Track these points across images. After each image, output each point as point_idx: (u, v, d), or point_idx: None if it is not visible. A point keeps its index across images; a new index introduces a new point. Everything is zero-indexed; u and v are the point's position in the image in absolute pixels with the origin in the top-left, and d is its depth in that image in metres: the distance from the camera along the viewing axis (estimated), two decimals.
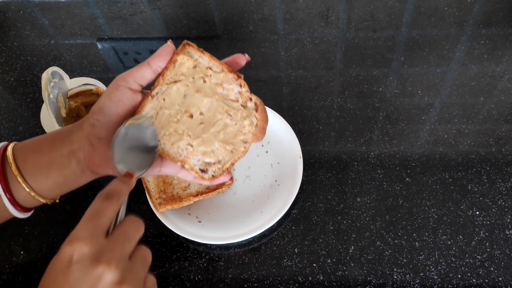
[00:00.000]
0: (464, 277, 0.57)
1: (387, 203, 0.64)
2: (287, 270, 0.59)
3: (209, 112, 0.46)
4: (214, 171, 0.46)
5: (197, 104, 0.46)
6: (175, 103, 0.45)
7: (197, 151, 0.46)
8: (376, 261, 0.59)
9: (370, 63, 0.80)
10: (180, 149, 0.45)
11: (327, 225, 0.63)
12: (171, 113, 0.45)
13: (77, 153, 0.43)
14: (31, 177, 0.43)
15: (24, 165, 0.43)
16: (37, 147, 0.44)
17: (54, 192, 0.45)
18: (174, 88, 0.45)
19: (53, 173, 0.43)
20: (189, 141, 0.46)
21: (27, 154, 0.44)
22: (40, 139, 0.45)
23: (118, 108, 0.43)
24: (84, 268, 0.34)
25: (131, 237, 0.37)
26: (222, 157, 0.46)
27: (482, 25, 0.84)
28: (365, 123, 0.72)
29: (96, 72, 0.84)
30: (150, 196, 0.64)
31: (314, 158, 0.69)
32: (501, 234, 0.60)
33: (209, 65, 0.46)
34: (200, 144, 0.46)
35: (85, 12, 0.95)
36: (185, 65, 0.45)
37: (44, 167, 0.43)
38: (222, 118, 0.46)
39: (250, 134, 0.47)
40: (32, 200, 0.45)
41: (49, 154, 0.43)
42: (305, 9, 0.90)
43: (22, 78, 0.84)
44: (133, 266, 0.36)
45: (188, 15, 0.92)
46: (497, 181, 0.65)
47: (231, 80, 0.46)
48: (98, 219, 0.36)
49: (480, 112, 0.72)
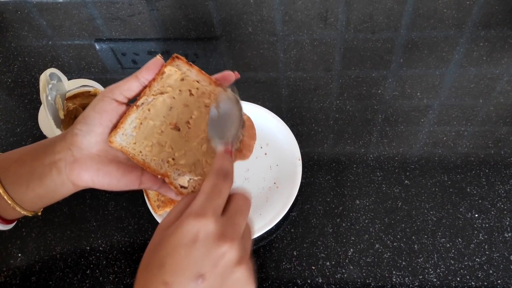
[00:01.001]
0: (463, 279, 0.57)
1: (386, 206, 0.64)
2: (286, 273, 0.59)
3: (194, 125, 0.45)
4: (195, 186, 0.45)
5: (182, 117, 0.45)
6: (160, 114, 0.45)
7: (178, 164, 0.45)
8: (375, 264, 0.59)
9: (369, 65, 0.80)
10: (161, 162, 0.44)
11: (326, 227, 0.62)
12: (155, 124, 0.45)
13: (58, 163, 0.42)
14: (12, 187, 0.42)
15: (6, 175, 0.42)
16: (19, 157, 0.43)
17: (35, 203, 0.44)
18: (160, 99, 0.45)
19: (34, 184, 0.42)
20: (171, 154, 0.45)
21: (9, 164, 0.43)
22: (24, 150, 0.44)
23: (101, 118, 0.42)
24: (209, 245, 0.33)
25: (245, 214, 0.37)
26: (204, 172, 0.45)
27: (481, 27, 0.84)
28: (364, 125, 0.72)
29: (94, 73, 0.84)
30: (149, 199, 0.63)
31: (313, 160, 0.69)
32: (500, 237, 0.60)
33: (197, 78, 0.46)
34: (182, 157, 0.45)
35: (83, 13, 0.95)
36: (172, 77, 0.45)
37: (25, 177, 0.42)
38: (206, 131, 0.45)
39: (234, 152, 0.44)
40: (13, 212, 0.43)
41: (30, 164, 0.42)
42: (304, 11, 0.90)
43: (20, 79, 0.84)
44: (245, 243, 0.37)
45: (187, 16, 0.91)
46: (496, 184, 0.65)
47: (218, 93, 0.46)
48: (219, 198, 0.36)
49: (479, 114, 0.72)
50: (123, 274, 0.60)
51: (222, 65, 0.84)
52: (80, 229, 0.65)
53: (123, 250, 0.63)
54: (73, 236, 0.64)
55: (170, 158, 0.45)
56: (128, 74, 0.83)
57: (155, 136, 0.44)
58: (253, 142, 0.48)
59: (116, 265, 0.61)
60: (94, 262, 0.62)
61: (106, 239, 0.64)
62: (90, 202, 0.67)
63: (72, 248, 0.63)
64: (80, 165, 0.42)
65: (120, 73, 0.84)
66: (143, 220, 0.65)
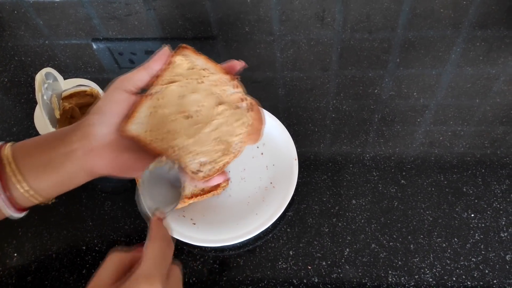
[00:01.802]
0: (459, 279, 0.57)
1: (382, 205, 0.64)
2: (282, 272, 0.59)
3: (204, 112, 0.46)
4: (207, 171, 0.46)
5: (192, 104, 0.46)
6: (171, 103, 0.46)
7: (190, 150, 0.46)
8: (371, 264, 0.59)
9: (366, 65, 0.80)
10: (175, 148, 0.45)
11: (322, 227, 0.62)
12: (166, 113, 0.46)
13: (75, 152, 0.43)
14: (29, 175, 0.43)
15: (23, 164, 0.43)
16: (36, 146, 0.44)
17: (50, 191, 0.45)
18: (171, 88, 0.46)
19: (51, 172, 0.44)
20: (184, 140, 0.46)
21: (26, 153, 0.44)
22: (40, 139, 0.45)
23: (115, 108, 0.44)
24: None
25: (180, 282, 0.40)
26: (215, 157, 0.46)
27: (477, 27, 0.84)
28: (361, 125, 0.72)
29: (91, 73, 0.84)
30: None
31: (309, 160, 0.69)
32: (496, 237, 0.60)
33: (205, 67, 0.47)
34: (194, 144, 0.46)
35: (80, 13, 0.94)
36: (181, 67, 0.46)
37: (42, 166, 0.43)
38: (216, 118, 0.46)
39: (242, 135, 0.46)
40: (27, 200, 0.44)
41: (48, 153, 0.43)
42: (301, 10, 0.89)
43: (16, 78, 0.84)
44: None
45: (184, 16, 0.91)
46: (492, 184, 0.65)
47: (226, 82, 0.47)
48: (165, 262, 0.38)
49: (476, 114, 0.72)
50: None
51: None
52: (76, 229, 0.65)
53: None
54: (69, 235, 0.64)
55: (182, 144, 0.45)
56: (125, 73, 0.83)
57: (167, 124, 0.45)
58: (262, 126, 0.48)
59: None
60: (90, 262, 0.62)
61: (102, 239, 0.64)
62: (86, 201, 0.67)
63: (68, 247, 0.63)
64: (97, 154, 0.43)
65: (117, 72, 0.84)
66: (139, 219, 0.65)
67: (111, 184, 0.69)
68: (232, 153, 0.46)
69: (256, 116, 0.47)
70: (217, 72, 0.47)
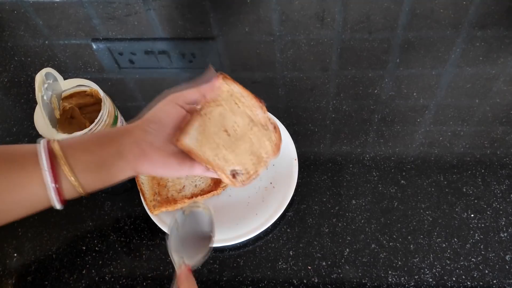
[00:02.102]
0: (458, 279, 0.57)
1: (382, 206, 0.64)
2: (282, 272, 0.59)
3: (239, 130, 0.55)
4: (243, 179, 0.55)
5: (231, 123, 0.55)
6: (217, 121, 0.55)
7: (228, 160, 0.54)
8: (371, 264, 0.59)
9: (366, 65, 0.80)
10: (217, 158, 0.54)
11: (322, 227, 0.63)
12: (213, 130, 0.55)
13: (124, 153, 0.48)
14: (81, 173, 0.47)
15: (76, 163, 0.46)
16: (85, 146, 0.48)
17: (95, 186, 0.49)
18: (217, 110, 0.55)
19: (102, 171, 0.48)
20: (225, 153, 0.54)
21: (74, 152, 0.47)
22: (86, 139, 0.49)
23: (170, 119, 0.51)
24: None
25: None
26: (247, 167, 0.55)
27: (477, 27, 0.84)
28: (360, 125, 0.72)
29: (91, 73, 0.84)
30: (145, 198, 0.63)
31: (309, 160, 0.69)
32: (495, 237, 0.60)
33: (240, 92, 0.56)
34: (232, 156, 0.54)
35: (80, 13, 0.94)
36: (223, 91, 0.56)
37: (94, 165, 0.47)
38: (250, 136, 0.55)
39: (269, 150, 0.56)
40: (72, 192, 0.48)
41: (98, 153, 0.47)
42: (300, 11, 0.90)
43: (16, 78, 0.84)
44: None
45: (184, 16, 0.91)
46: (492, 184, 0.65)
47: (257, 106, 0.56)
48: None
49: (475, 114, 0.72)
50: (119, 274, 0.60)
51: (218, 64, 0.84)
52: (76, 229, 0.65)
53: (119, 250, 0.63)
54: (69, 236, 0.64)
55: (222, 155, 0.54)
56: (125, 74, 0.83)
57: (213, 139, 0.54)
58: (281, 143, 0.57)
59: (112, 265, 0.61)
60: (90, 262, 0.62)
61: (102, 239, 0.64)
62: (86, 202, 0.67)
63: (68, 248, 0.63)
64: (147, 159, 0.48)
65: (117, 72, 0.84)
66: (139, 220, 0.65)
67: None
68: (261, 165, 0.56)
69: (279, 136, 0.57)
70: (249, 97, 0.56)
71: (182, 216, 0.49)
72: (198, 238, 0.49)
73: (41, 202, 0.47)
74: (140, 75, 0.83)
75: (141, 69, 0.84)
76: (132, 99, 0.80)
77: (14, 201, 0.46)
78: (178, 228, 0.49)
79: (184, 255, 0.47)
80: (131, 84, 0.82)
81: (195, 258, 0.47)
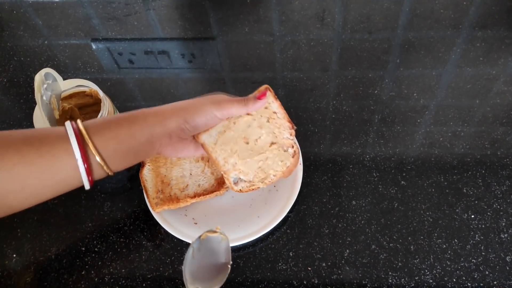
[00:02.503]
0: (459, 280, 0.57)
1: (382, 207, 0.64)
2: (281, 274, 0.59)
3: (260, 144, 0.58)
4: (243, 187, 0.58)
5: (254, 135, 0.59)
6: (240, 129, 0.58)
7: (238, 168, 0.58)
8: (371, 265, 0.59)
9: (366, 65, 0.80)
10: (226, 162, 0.58)
11: (322, 228, 0.62)
12: (233, 135, 0.58)
13: (154, 142, 0.51)
14: (111, 160, 0.49)
15: (106, 152, 0.48)
16: (115, 134, 0.49)
17: (121, 166, 0.51)
18: (245, 118, 0.58)
19: (130, 157, 0.51)
20: (236, 160, 0.58)
21: (106, 141, 0.48)
22: (116, 125, 0.50)
23: (204, 126, 0.55)
24: None
25: None
26: (252, 180, 0.58)
27: (477, 28, 0.84)
28: (361, 125, 0.72)
29: (91, 73, 0.84)
30: (148, 196, 0.63)
31: (309, 160, 0.69)
32: (496, 238, 0.60)
33: (276, 110, 0.59)
34: (242, 165, 0.58)
35: (79, 13, 0.94)
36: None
37: (125, 153, 0.50)
38: (267, 152, 0.58)
39: (279, 172, 0.58)
40: (100, 172, 0.49)
41: (129, 142, 0.49)
42: (300, 11, 0.89)
43: (15, 79, 0.84)
44: None
45: (183, 16, 0.91)
46: (492, 185, 0.65)
47: (286, 128, 0.59)
48: None
49: (476, 114, 0.72)
50: (119, 275, 0.60)
51: (218, 65, 0.83)
52: (76, 230, 0.65)
53: (118, 251, 0.62)
54: (69, 237, 0.64)
55: (233, 162, 0.58)
56: (124, 74, 0.83)
57: (230, 144, 0.58)
58: (295, 167, 0.60)
59: (112, 266, 0.61)
60: (90, 263, 0.61)
61: (102, 240, 0.63)
62: (86, 202, 0.67)
63: (68, 249, 0.63)
64: (173, 147, 0.54)
65: (116, 73, 0.84)
66: (139, 221, 0.65)
67: (110, 185, 0.69)
68: (265, 182, 0.58)
69: (295, 162, 0.59)
70: (283, 118, 0.59)
71: (198, 242, 0.50)
72: (214, 266, 0.50)
73: (71, 184, 0.48)
74: (140, 75, 0.83)
75: (141, 69, 0.84)
76: (131, 99, 0.80)
77: (46, 185, 0.47)
78: (194, 255, 0.49)
79: (199, 284, 0.47)
80: (131, 84, 0.82)
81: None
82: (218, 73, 0.82)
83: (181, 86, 0.81)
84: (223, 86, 0.80)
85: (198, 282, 0.48)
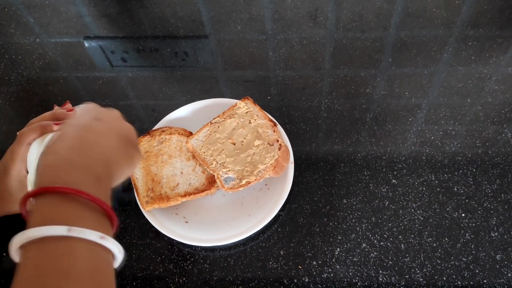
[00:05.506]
0: (449, 279, 0.57)
1: (373, 205, 0.64)
2: (272, 272, 0.59)
3: (245, 143, 0.64)
4: (234, 185, 0.61)
5: (240, 136, 0.65)
6: (225, 131, 0.66)
7: (226, 166, 0.63)
8: (362, 263, 0.59)
9: (358, 64, 0.80)
10: (215, 161, 0.63)
11: (313, 227, 0.62)
12: (219, 137, 0.66)
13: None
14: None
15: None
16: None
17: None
18: (228, 121, 0.67)
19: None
20: (224, 159, 0.63)
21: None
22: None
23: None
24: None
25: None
26: (241, 176, 0.62)
27: (470, 27, 0.84)
28: (352, 124, 0.72)
29: (83, 71, 0.83)
30: (138, 194, 0.63)
31: (300, 159, 0.69)
32: (486, 236, 0.60)
33: (257, 114, 0.67)
34: (231, 162, 0.63)
35: (72, 10, 0.94)
36: (241, 109, 0.68)
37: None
38: (253, 148, 0.64)
39: (268, 165, 0.62)
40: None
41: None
42: (293, 9, 0.89)
43: (7, 77, 0.83)
44: None
45: (176, 14, 0.91)
46: (483, 183, 0.65)
47: (269, 126, 0.66)
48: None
49: (467, 113, 0.72)
50: None
51: (211, 63, 0.83)
52: None
53: None
54: None
55: (222, 161, 0.63)
56: (117, 72, 0.83)
57: (216, 144, 0.65)
58: (286, 164, 0.63)
59: None
60: None
61: None
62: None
63: None
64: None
65: (109, 71, 0.83)
66: (129, 219, 0.65)
67: None
68: (254, 176, 0.61)
69: (283, 155, 0.63)
70: (264, 119, 0.67)
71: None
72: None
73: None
74: (133, 73, 0.83)
75: (133, 67, 0.84)
76: (124, 98, 0.79)
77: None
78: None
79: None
80: (123, 83, 0.82)
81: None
82: (211, 71, 0.82)
83: (174, 84, 0.81)
84: (215, 85, 0.80)
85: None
